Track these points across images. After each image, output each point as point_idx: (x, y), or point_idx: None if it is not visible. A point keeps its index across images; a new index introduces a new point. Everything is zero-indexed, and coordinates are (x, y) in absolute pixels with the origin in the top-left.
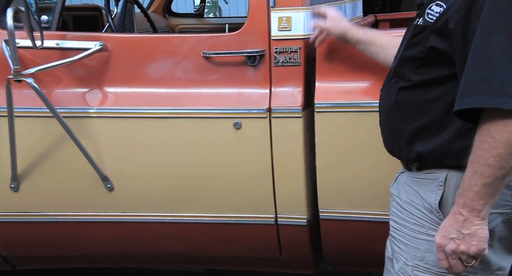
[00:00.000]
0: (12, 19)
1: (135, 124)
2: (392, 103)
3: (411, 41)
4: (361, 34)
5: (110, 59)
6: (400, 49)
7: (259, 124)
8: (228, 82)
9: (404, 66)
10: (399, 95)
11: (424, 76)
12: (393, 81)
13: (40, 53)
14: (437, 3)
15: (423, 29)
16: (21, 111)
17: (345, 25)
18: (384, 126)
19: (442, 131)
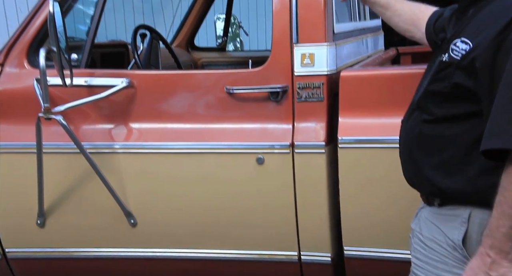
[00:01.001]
0: (44, 59)
1: (159, 159)
2: (414, 135)
3: (435, 77)
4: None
5: (135, 95)
6: (424, 82)
7: (282, 159)
8: (251, 118)
9: (428, 100)
10: (421, 128)
11: (448, 111)
12: (416, 114)
13: (69, 90)
14: (463, 40)
15: (448, 65)
16: (49, 147)
17: None
18: (405, 158)
19: (466, 167)
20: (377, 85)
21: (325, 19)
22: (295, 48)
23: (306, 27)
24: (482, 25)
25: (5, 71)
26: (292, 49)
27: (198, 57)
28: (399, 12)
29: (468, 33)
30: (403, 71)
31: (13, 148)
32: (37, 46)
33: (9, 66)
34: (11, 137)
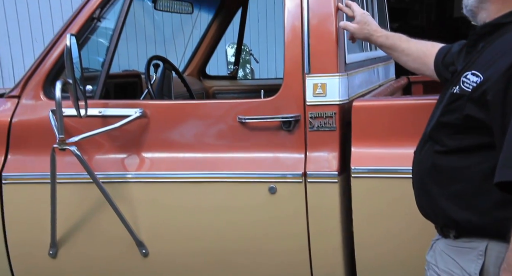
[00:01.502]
0: (60, 91)
1: (172, 189)
2: (427, 167)
3: (447, 108)
4: (383, 40)
5: (148, 125)
6: (435, 114)
7: (294, 188)
8: (263, 147)
9: (440, 131)
10: (434, 159)
11: (461, 143)
12: (428, 145)
13: (83, 120)
14: (473, 73)
15: (459, 97)
16: (63, 177)
17: (369, 30)
18: (418, 189)
19: (480, 199)
20: (390, 115)
21: (337, 49)
22: (307, 78)
23: (318, 58)
24: (492, 58)
25: (22, 103)
26: (304, 79)
27: (210, 85)
28: (406, 52)
29: (479, 66)
30: (415, 102)
31: (27, 179)
32: (53, 78)
33: (26, 98)
34: (25, 168)
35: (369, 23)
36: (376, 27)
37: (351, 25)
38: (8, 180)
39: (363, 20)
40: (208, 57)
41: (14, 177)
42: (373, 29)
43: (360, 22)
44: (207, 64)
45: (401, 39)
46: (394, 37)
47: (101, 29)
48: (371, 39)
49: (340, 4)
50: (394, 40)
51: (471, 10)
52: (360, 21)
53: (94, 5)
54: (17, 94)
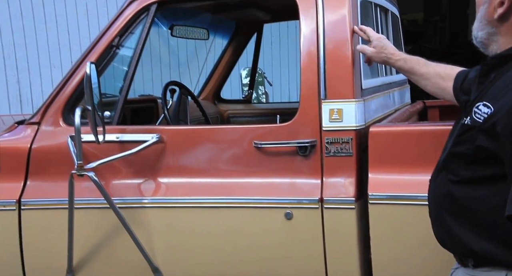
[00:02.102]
0: (79, 117)
1: (187, 214)
2: (442, 196)
3: (459, 139)
4: (402, 64)
5: (165, 150)
6: (448, 144)
7: (311, 214)
8: (279, 172)
9: (453, 162)
10: (448, 188)
11: (474, 173)
12: (442, 174)
13: (101, 146)
14: (485, 104)
15: (471, 128)
16: (80, 202)
17: (387, 53)
18: (434, 218)
19: (497, 229)
20: (407, 141)
21: (353, 75)
22: (323, 103)
23: (335, 83)
24: (503, 90)
25: (41, 130)
26: (320, 104)
27: (224, 109)
28: (425, 76)
29: (490, 97)
30: (433, 128)
31: (46, 204)
32: (72, 105)
33: (45, 125)
34: (44, 194)
35: (386, 47)
36: (394, 50)
37: (368, 49)
38: (27, 206)
39: (380, 44)
40: (223, 81)
41: (33, 203)
42: (390, 53)
43: (377, 46)
44: (222, 88)
45: (419, 63)
46: (413, 61)
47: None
48: (389, 63)
49: (355, 27)
50: (413, 64)
51: (482, 42)
52: (377, 45)
53: (113, 33)
54: (37, 120)
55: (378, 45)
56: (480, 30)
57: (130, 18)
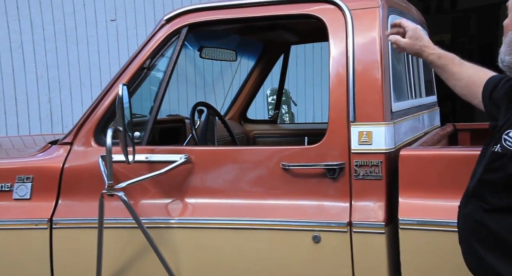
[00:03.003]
0: (111, 138)
1: (214, 234)
2: (472, 223)
3: (489, 166)
4: (434, 58)
5: (193, 171)
6: (478, 170)
7: (339, 238)
8: (307, 194)
9: (484, 189)
10: (478, 216)
11: (506, 202)
12: (472, 202)
13: (130, 166)
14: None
15: (502, 156)
16: (109, 222)
17: (421, 45)
18: (465, 246)
19: None
20: (439, 165)
21: (383, 98)
22: (352, 126)
23: (364, 106)
24: None
25: (74, 150)
26: (349, 126)
27: (250, 129)
28: (456, 76)
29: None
30: (465, 152)
31: (76, 224)
32: (103, 126)
33: (77, 145)
34: (74, 213)
35: (422, 38)
36: (429, 43)
37: (402, 40)
38: (58, 225)
39: (415, 35)
40: (249, 101)
41: (64, 221)
42: (425, 45)
43: (412, 37)
44: (248, 108)
45: (453, 62)
46: (447, 58)
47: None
48: (422, 55)
49: (387, 32)
50: (446, 61)
51: (509, 66)
52: (412, 36)
53: (145, 55)
54: (70, 141)
55: (414, 35)
56: (509, 55)
57: (161, 41)
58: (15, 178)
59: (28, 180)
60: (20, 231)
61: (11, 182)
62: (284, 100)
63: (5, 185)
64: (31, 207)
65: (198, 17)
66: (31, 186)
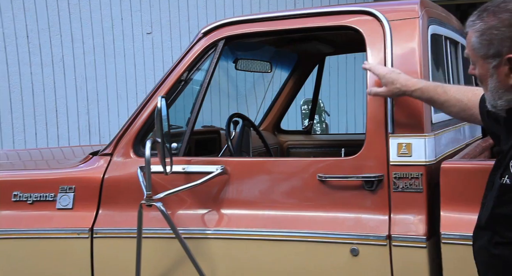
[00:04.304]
0: (150, 149)
1: (250, 246)
2: (488, 257)
3: (500, 199)
4: (419, 94)
5: (229, 182)
6: (488, 202)
7: (378, 252)
8: (343, 206)
9: (498, 223)
10: (494, 250)
11: None
12: (485, 234)
13: (167, 176)
14: None
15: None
16: (148, 232)
17: (399, 88)
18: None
19: None
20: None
21: (423, 109)
22: (391, 137)
23: (403, 118)
24: None
25: (113, 160)
26: (387, 138)
27: (284, 140)
28: (447, 104)
29: None
30: None
31: (116, 233)
32: (141, 137)
33: (117, 156)
34: (114, 223)
35: (397, 80)
36: (406, 81)
37: (380, 90)
38: (99, 234)
39: (389, 80)
40: (283, 112)
41: (104, 231)
42: (403, 85)
43: (386, 83)
44: (282, 119)
45: (437, 92)
46: (430, 90)
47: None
48: (406, 95)
49: (364, 65)
50: (430, 93)
51: (503, 109)
52: (386, 83)
53: (182, 68)
54: (110, 152)
55: (387, 81)
56: (499, 99)
57: (199, 54)
58: (59, 189)
59: (70, 190)
60: (63, 239)
61: (55, 192)
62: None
63: (49, 195)
64: (73, 217)
65: (235, 30)
66: (73, 196)
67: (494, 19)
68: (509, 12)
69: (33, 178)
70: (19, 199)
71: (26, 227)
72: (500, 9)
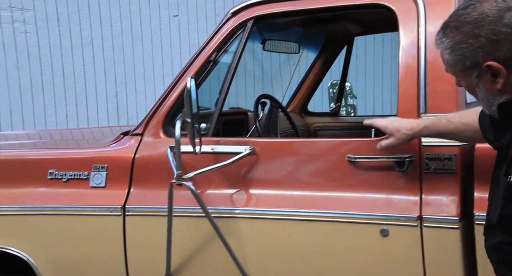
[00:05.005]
0: (180, 129)
1: (278, 226)
2: (501, 256)
3: (509, 199)
4: (427, 132)
5: (257, 162)
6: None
7: (409, 232)
8: (374, 187)
9: (509, 223)
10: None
11: None
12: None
13: (196, 157)
14: None
15: None
16: (178, 210)
17: (406, 133)
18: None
19: None
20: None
21: (457, 88)
22: (423, 117)
23: (436, 97)
24: None
25: (144, 140)
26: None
27: (311, 122)
28: (456, 132)
29: None
30: None
31: (147, 211)
32: (171, 118)
33: (147, 136)
34: (145, 201)
35: (400, 127)
36: (409, 124)
37: (390, 142)
38: (131, 212)
39: (393, 130)
40: (310, 94)
41: (136, 209)
42: (407, 129)
43: (392, 133)
44: (309, 101)
45: (442, 123)
46: (435, 124)
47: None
48: (416, 137)
49: (365, 122)
50: (436, 127)
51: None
52: (391, 133)
53: (211, 49)
54: (140, 132)
55: (392, 131)
56: (492, 105)
57: (227, 34)
58: (92, 167)
59: (103, 169)
60: (96, 217)
61: (88, 170)
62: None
63: (83, 173)
64: (106, 195)
65: (264, 9)
66: (105, 174)
67: (459, 34)
68: (470, 24)
69: (68, 157)
70: (55, 177)
71: (61, 204)
72: (461, 23)
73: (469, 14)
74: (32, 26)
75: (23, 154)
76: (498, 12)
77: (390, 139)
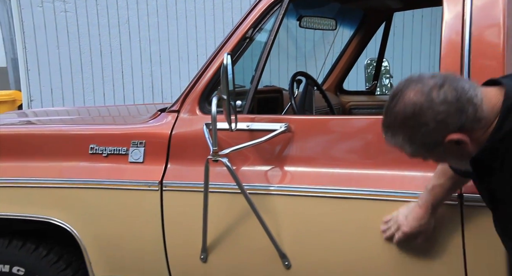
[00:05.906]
0: (216, 106)
1: (314, 203)
2: None
3: None
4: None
5: (292, 140)
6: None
7: (448, 210)
8: (411, 165)
9: None
10: None
11: None
12: None
13: (231, 133)
14: None
15: None
16: (213, 186)
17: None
18: None
19: None
20: None
21: (503, 66)
22: None
23: (481, 75)
24: None
25: (180, 117)
26: None
27: (346, 100)
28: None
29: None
30: None
31: (184, 187)
32: (207, 95)
33: (183, 113)
34: (182, 177)
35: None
36: (408, 208)
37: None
38: (168, 187)
39: (399, 222)
40: (346, 72)
41: (173, 184)
42: (415, 211)
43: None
44: (344, 79)
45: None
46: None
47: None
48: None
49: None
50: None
51: None
52: (401, 225)
53: (247, 25)
54: (177, 109)
55: (399, 223)
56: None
57: (264, 10)
58: (130, 143)
59: (141, 145)
60: (135, 191)
61: (127, 146)
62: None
63: (122, 149)
64: (144, 170)
65: None
66: (143, 150)
67: (407, 129)
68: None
69: (108, 133)
70: (95, 151)
71: (102, 178)
72: (402, 120)
73: (403, 110)
74: (72, 5)
75: (66, 129)
76: (425, 97)
77: (401, 232)
